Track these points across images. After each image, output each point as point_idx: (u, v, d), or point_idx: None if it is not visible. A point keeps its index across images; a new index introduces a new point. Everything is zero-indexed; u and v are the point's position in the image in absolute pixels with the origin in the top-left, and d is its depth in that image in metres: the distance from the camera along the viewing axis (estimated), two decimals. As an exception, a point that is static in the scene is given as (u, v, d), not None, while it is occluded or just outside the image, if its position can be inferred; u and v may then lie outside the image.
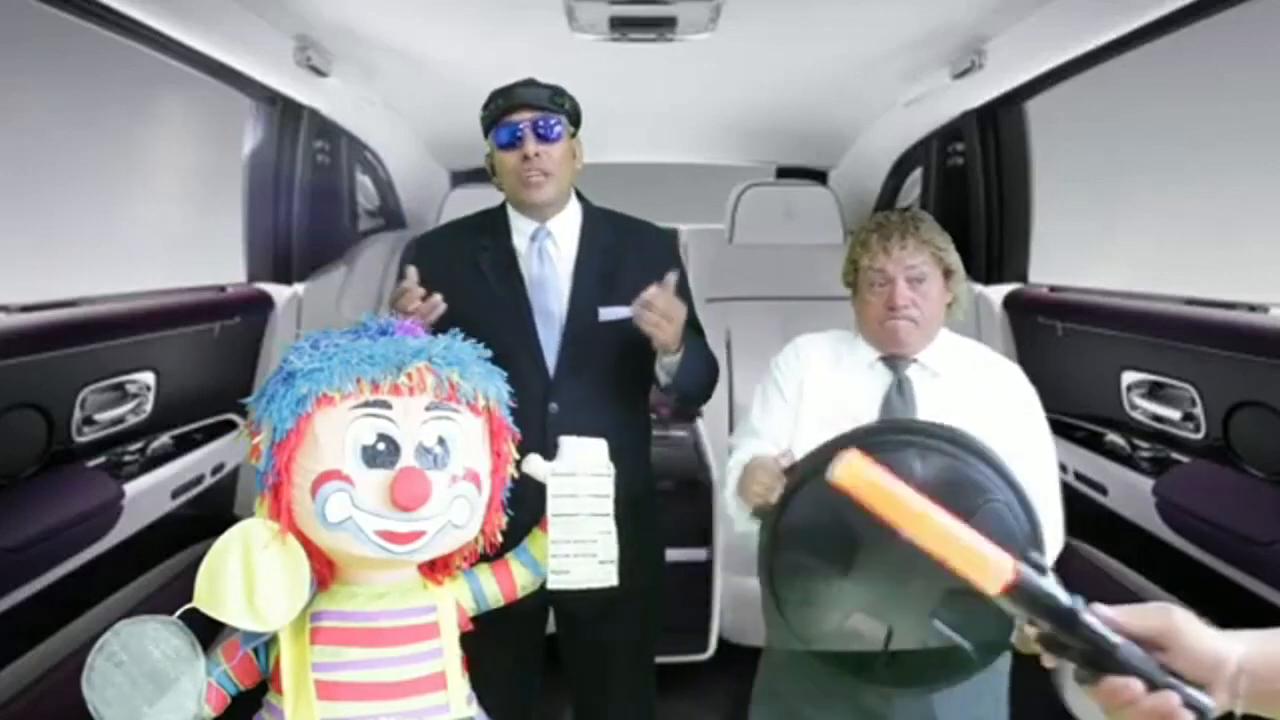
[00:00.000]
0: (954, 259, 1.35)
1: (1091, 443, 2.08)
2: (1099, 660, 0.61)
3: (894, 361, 1.34)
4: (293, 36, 2.02)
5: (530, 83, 1.51)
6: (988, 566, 0.61)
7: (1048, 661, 0.64)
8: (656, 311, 1.36)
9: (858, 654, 1.10)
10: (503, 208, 1.59)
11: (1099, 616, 0.61)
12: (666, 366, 1.46)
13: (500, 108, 1.50)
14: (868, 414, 1.30)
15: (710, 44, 2.03)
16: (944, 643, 0.97)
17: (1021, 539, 1.07)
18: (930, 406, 1.29)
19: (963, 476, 1.09)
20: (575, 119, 1.56)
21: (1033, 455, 1.27)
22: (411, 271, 1.36)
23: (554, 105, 1.50)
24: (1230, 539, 1.61)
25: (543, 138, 1.48)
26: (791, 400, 1.35)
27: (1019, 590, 0.61)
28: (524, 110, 1.48)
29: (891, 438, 1.13)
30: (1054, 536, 1.23)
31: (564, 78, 1.56)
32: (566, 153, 1.52)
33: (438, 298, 1.34)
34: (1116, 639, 0.61)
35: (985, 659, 1.07)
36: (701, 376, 1.54)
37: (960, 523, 0.62)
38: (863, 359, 1.36)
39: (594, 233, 1.56)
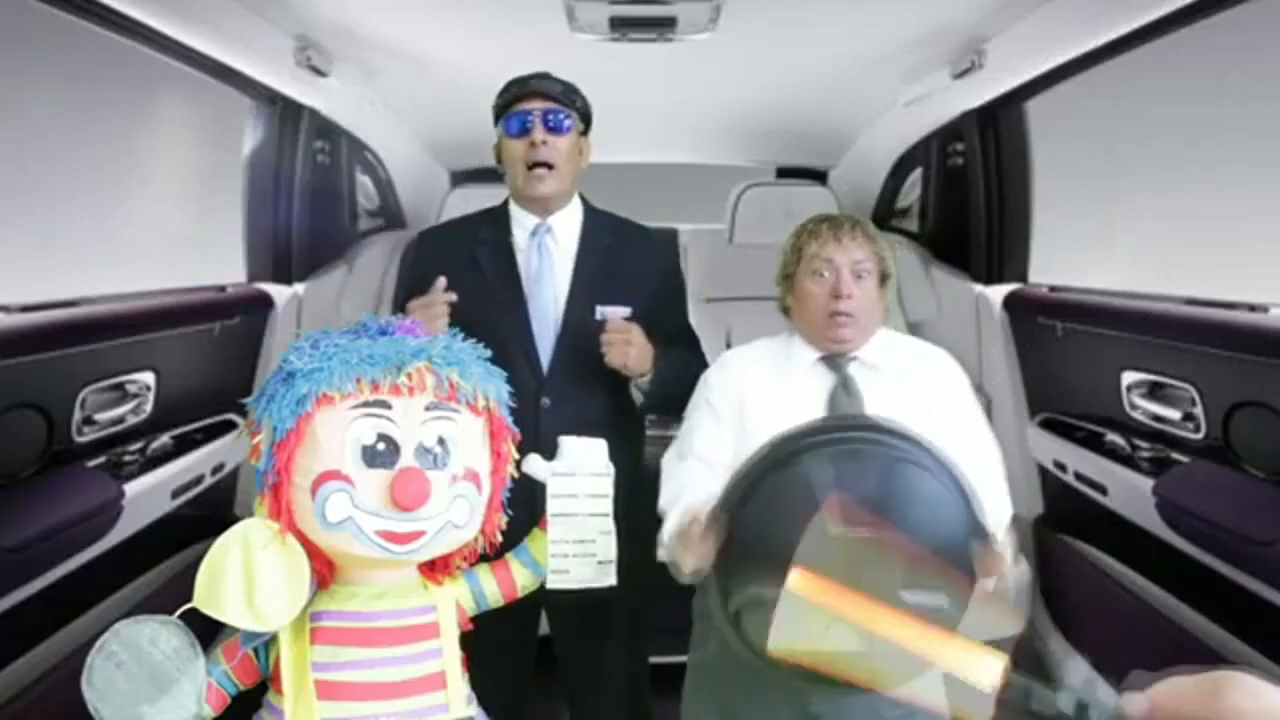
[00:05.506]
0: (891, 265, 1.38)
1: (1091, 443, 2.08)
2: None
3: (834, 361, 1.35)
4: (293, 36, 2.02)
5: (545, 75, 1.53)
6: (977, 664, 0.56)
7: None
8: (612, 339, 1.44)
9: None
10: (505, 203, 1.60)
11: (1127, 708, 0.47)
12: (640, 387, 1.52)
13: (513, 95, 1.51)
14: (815, 415, 1.27)
15: (710, 44, 2.03)
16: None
17: (960, 521, 1.07)
18: (874, 399, 1.31)
19: (895, 466, 1.09)
20: (586, 118, 1.57)
21: (970, 431, 1.32)
22: (441, 281, 1.45)
23: (566, 99, 1.51)
24: (1230, 539, 1.60)
25: (552, 128, 1.50)
26: (730, 419, 1.34)
27: (1011, 690, 0.53)
28: (536, 99, 1.50)
29: (812, 440, 1.10)
30: (999, 505, 1.27)
31: (564, 78, 1.57)
32: (573, 148, 1.53)
33: (449, 295, 1.43)
34: None
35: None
36: (680, 394, 1.53)
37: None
38: (802, 361, 1.36)
39: (595, 233, 1.57)
